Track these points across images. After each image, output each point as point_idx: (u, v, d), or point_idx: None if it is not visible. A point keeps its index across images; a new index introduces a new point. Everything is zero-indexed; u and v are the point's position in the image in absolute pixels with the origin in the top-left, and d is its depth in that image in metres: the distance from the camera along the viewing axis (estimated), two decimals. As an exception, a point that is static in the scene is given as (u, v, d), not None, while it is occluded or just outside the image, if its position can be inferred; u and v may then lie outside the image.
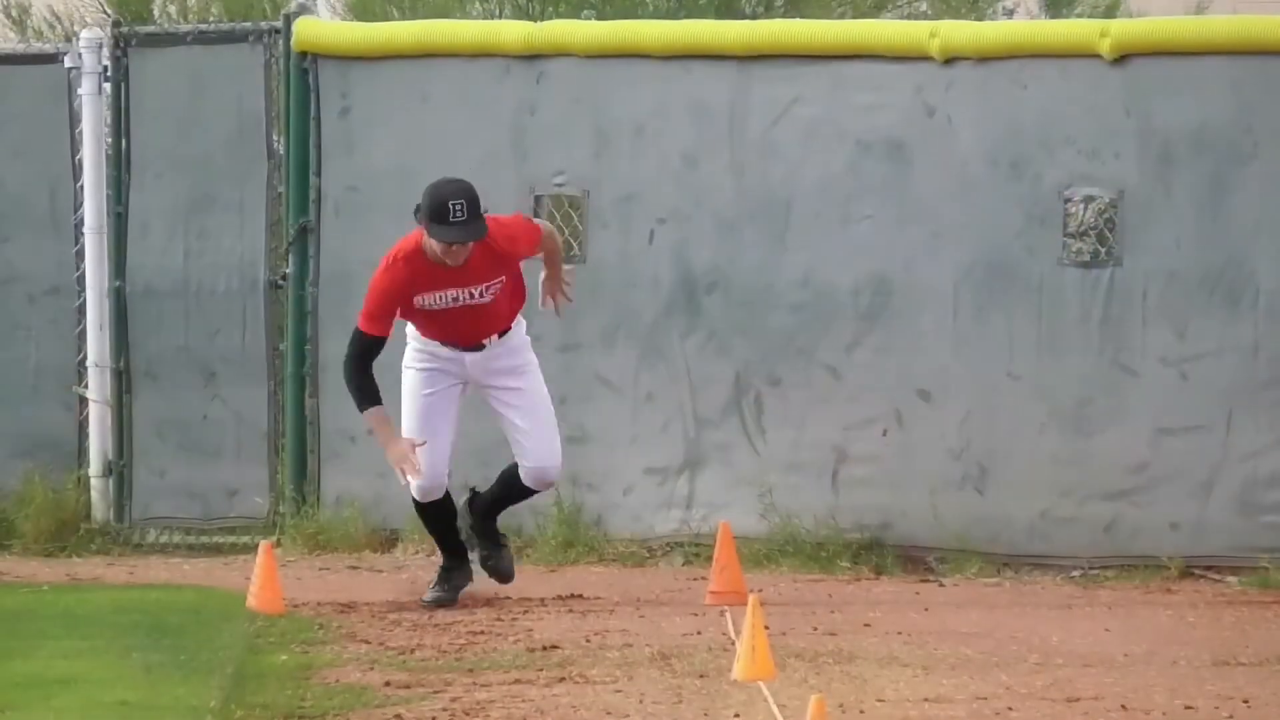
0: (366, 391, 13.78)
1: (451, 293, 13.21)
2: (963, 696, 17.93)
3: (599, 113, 25.21)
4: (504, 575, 15.98)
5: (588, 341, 25.50)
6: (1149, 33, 25.19)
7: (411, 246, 13.39)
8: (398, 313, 13.88)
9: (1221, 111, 23.85)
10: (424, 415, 13.04)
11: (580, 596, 22.89)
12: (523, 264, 18.62)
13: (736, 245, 25.32)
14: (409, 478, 13.55)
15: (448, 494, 17.42)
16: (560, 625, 21.13)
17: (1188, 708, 17.91)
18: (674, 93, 25.79)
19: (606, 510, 24.88)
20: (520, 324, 13.29)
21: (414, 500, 18.26)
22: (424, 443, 14.24)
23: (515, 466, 17.75)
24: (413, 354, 13.93)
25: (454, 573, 19.01)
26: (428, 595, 16.67)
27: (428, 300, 13.37)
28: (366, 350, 13.65)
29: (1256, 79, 24.14)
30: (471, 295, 13.39)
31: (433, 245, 14.35)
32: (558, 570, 23.81)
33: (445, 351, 13.99)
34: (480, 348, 13.45)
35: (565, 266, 15.66)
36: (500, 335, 13.40)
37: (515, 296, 14.14)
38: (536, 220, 15.34)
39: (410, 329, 14.22)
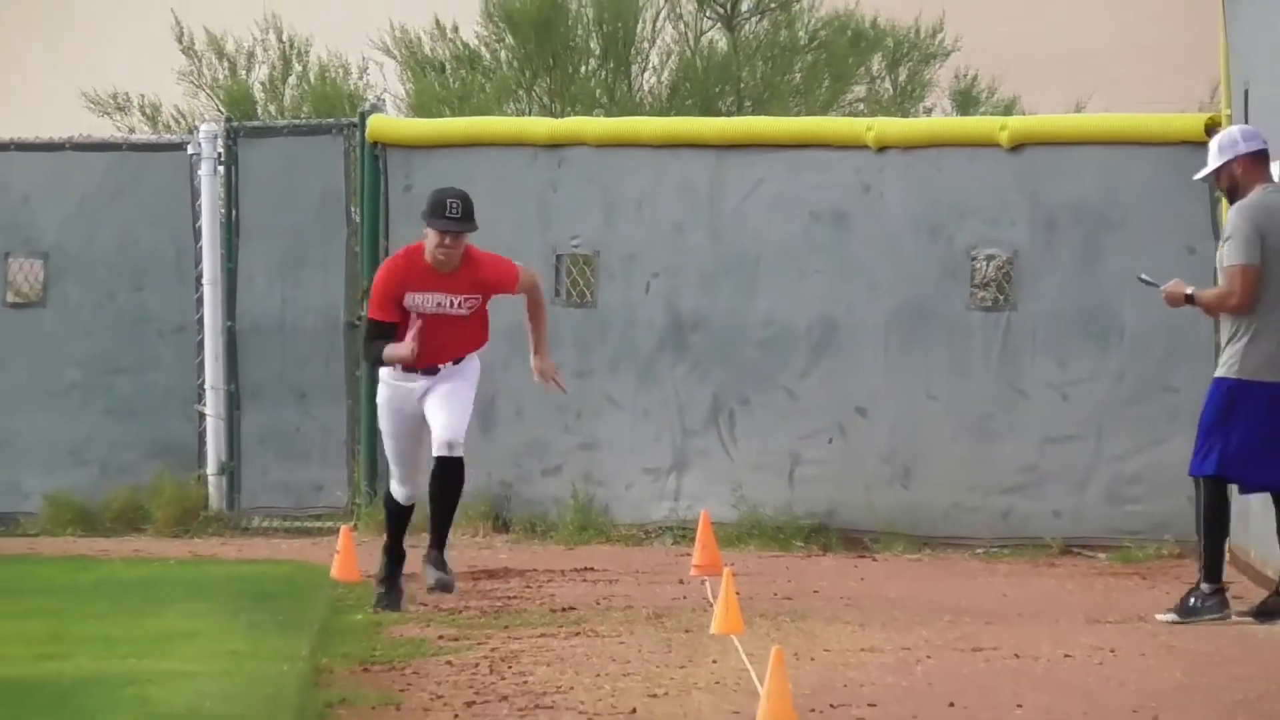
0: (377, 355, 14.86)
1: (436, 297, 13.57)
2: (891, 647, 18.49)
3: (607, 190, 25.77)
4: (446, 588, 15.65)
5: (598, 369, 26.27)
6: (1038, 127, 25.75)
7: (414, 247, 13.98)
8: (395, 306, 14.36)
9: (1095, 189, 24.43)
10: (401, 441, 13.78)
11: (592, 569, 23.36)
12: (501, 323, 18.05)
13: (715, 294, 25.86)
14: (396, 484, 14.27)
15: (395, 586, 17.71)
16: (576, 591, 21.81)
17: (1067, 655, 18.15)
18: (666, 174, 26.44)
19: (612, 501, 25.35)
20: (474, 359, 13.76)
21: (394, 502, 18.37)
22: (415, 350, 14.87)
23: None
24: (383, 392, 14.56)
25: (396, 578, 18.86)
26: (382, 603, 16.66)
27: (417, 299, 13.85)
28: (376, 333, 14.25)
29: (1123, 164, 24.74)
30: (451, 303, 13.75)
31: (431, 246, 14.68)
32: (574, 549, 24.09)
33: (407, 383, 14.44)
34: (435, 371, 13.84)
35: (550, 361, 15.88)
36: (455, 363, 13.74)
37: (480, 329, 14.55)
38: (519, 264, 15.72)
39: (382, 370, 14.91)
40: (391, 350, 15.28)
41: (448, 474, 12.06)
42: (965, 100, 32.92)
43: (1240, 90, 23.60)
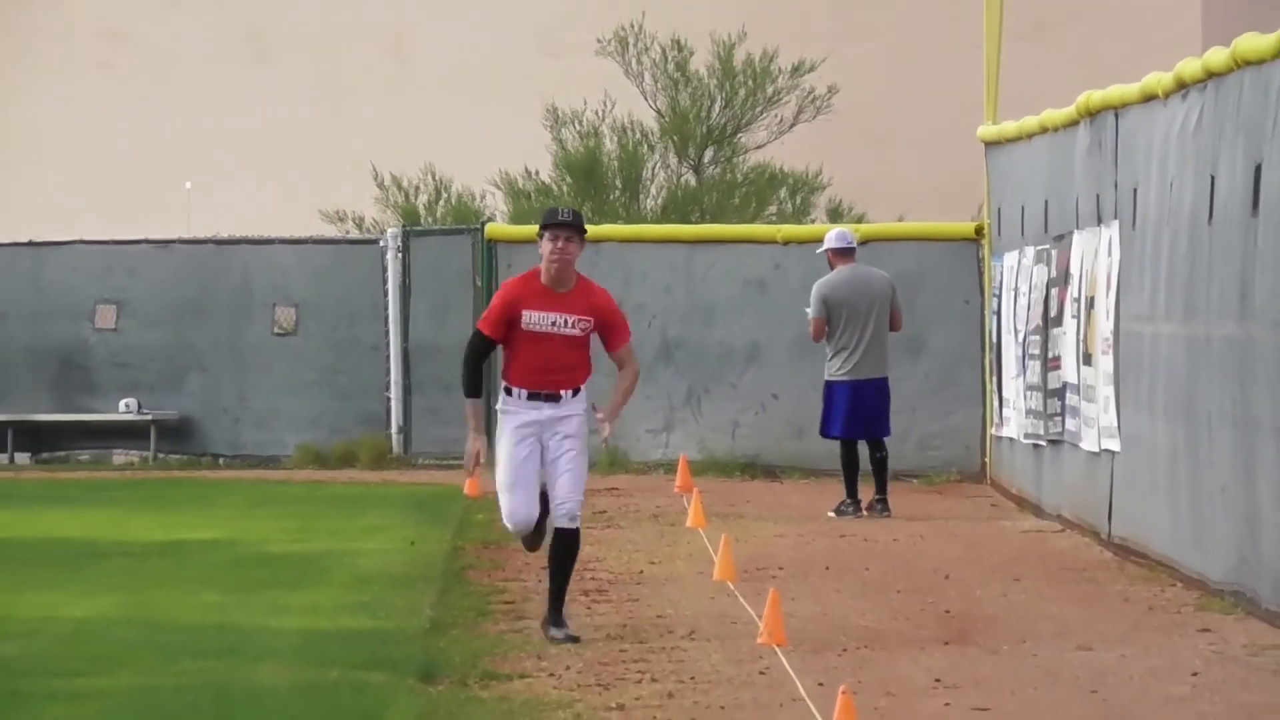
0: (472, 383, 11.19)
1: (551, 316, 10.46)
2: (792, 535, 19.04)
3: (626, 267, 25.49)
4: (574, 641, 11.73)
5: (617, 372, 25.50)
6: (878, 230, 25.77)
7: (530, 271, 11.08)
8: (509, 325, 11.03)
9: (911, 265, 24.18)
10: (515, 472, 10.61)
11: (616, 489, 23.12)
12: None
13: (689, 328, 25.84)
14: (507, 520, 10.95)
15: (540, 529, 12.61)
16: (607, 501, 21.74)
17: (894, 539, 18.78)
18: (660, 258, 26.24)
19: (630, 449, 25.16)
20: (584, 394, 10.78)
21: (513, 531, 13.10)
22: (479, 463, 11.45)
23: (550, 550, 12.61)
24: (503, 422, 10.91)
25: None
26: (558, 634, 12.01)
27: (533, 318, 10.64)
28: (479, 348, 11.05)
29: (927, 250, 24.89)
30: (566, 323, 10.56)
31: (546, 255, 11.25)
32: (606, 477, 23.70)
33: (528, 413, 10.79)
34: (556, 398, 10.44)
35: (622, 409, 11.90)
36: (573, 393, 10.60)
37: (587, 358, 11.15)
38: (630, 334, 12.12)
39: (501, 401, 11.26)
40: (471, 416, 11.32)
41: (568, 543, 9.78)
42: (834, 214, 32.98)
43: (995, 208, 23.67)
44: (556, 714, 9.20)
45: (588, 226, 12.69)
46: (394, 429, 26.74)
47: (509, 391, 10.42)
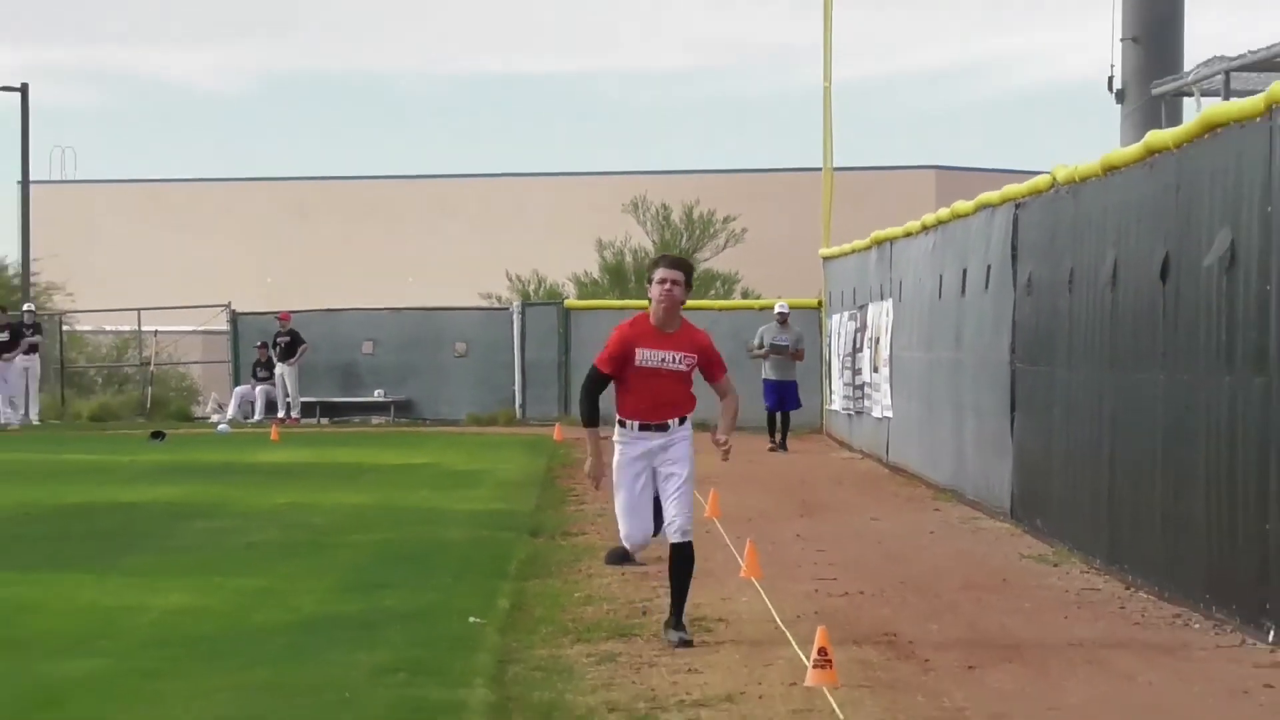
0: (589, 415, 7.72)
1: (660, 354, 7.33)
2: (731, 460, 17.54)
3: None
4: (689, 645, 7.50)
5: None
6: (768, 303, 24.10)
7: (638, 315, 7.71)
8: (623, 362, 7.54)
9: (792, 322, 20.90)
10: (632, 501, 7.44)
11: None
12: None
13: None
14: (625, 539, 7.65)
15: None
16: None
17: (782, 462, 17.41)
18: None
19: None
20: (689, 425, 7.50)
21: (621, 553, 9.27)
22: (599, 482, 7.82)
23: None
24: (619, 453, 7.58)
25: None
26: (673, 637, 7.67)
27: (646, 355, 7.39)
28: (596, 383, 7.63)
29: (799, 314, 23.27)
30: (673, 359, 7.39)
31: (655, 297, 7.66)
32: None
33: (639, 443, 7.43)
34: (665, 428, 7.40)
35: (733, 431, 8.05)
36: (679, 422, 7.41)
37: (691, 392, 7.71)
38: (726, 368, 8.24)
39: (616, 433, 7.69)
40: (592, 444, 7.72)
41: (684, 555, 7.29)
42: (744, 294, 32.80)
43: (828, 291, 23.29)
44: (620, 595, 8.62)
45: (626, 303, 11.43)
46: (517, 405, 25.80)
47: (623, 424, 7.31)
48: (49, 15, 63.35)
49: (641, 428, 7.30)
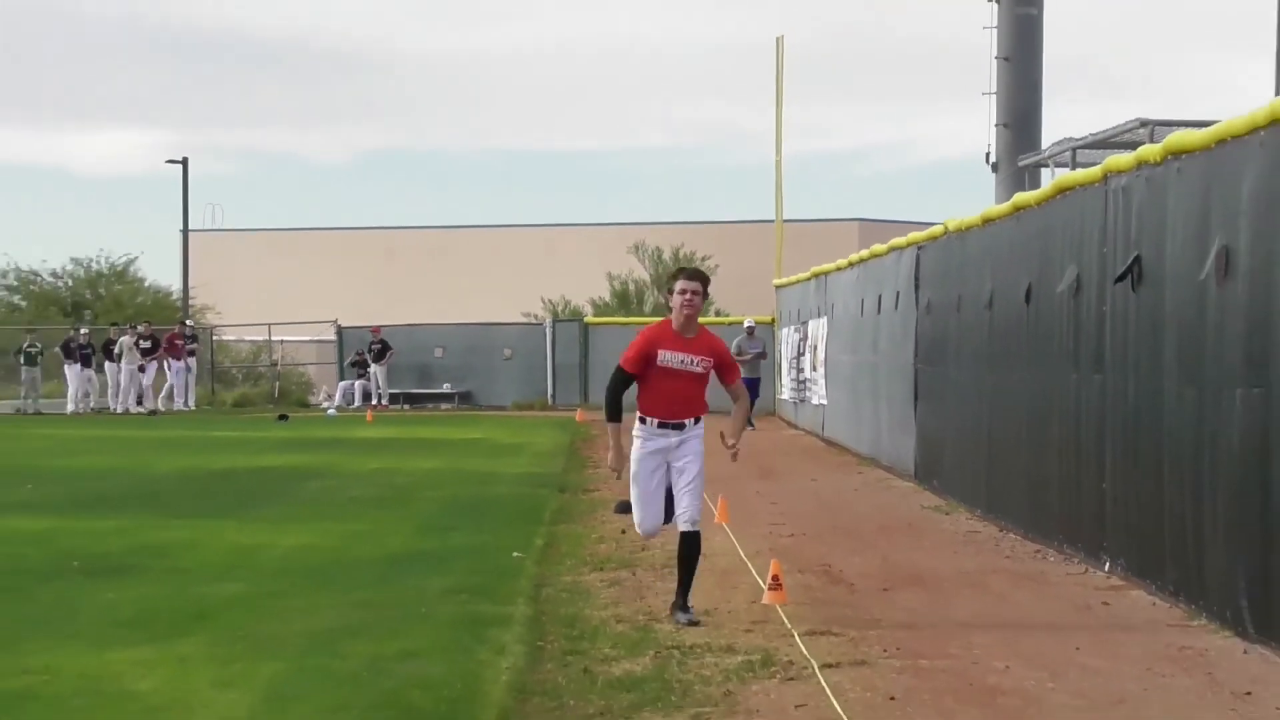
0: (613, 411, 6.13)
1: (680, 355, 5.93)
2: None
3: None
4: (695, 624, 5.81)
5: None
6: (739, 319, 23.86)
7: (663, 321, 6.13)
8: (646, 362, 5.99)
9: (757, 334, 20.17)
10: (646, 494, 5.98)
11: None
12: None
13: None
14: (638, 525, 6.14)
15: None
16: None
17: (745, 439, 17.20)
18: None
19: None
20: (702, 425, 6.00)
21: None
22: (620, 473, 6.19)
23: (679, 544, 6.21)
24: (638, 446, 6.00)
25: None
26: (682, 619, 5.90)
27: (667, 357, 5.96)
28: (621, 382, 6.11)
29: (762, 328, 21.64)
30: (691, 362, 5.95)
31: (676, 306, 6.14)
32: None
33: (658, 440, 5.94)
34: (681, 427, 5.92)
35: (742, 434, 6.41)
36: (694, 421, 5.98)
37: (704, 395, 6.14)
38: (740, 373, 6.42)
39: (636, 427, 6.06)
40: (615, 437, 6.15)
41: (691, 544, 5.93)
42: (717, 313, 31.96)
43: (780, 310, 22.74)
44: (624, 538, 8.21)
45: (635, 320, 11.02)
46: (549, 395, 25.26)
47: (643, 420, 6.02)
48: (203, 109, 66.70)
49: (660, 425, 5.97)
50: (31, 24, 70.76)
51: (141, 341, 23.72)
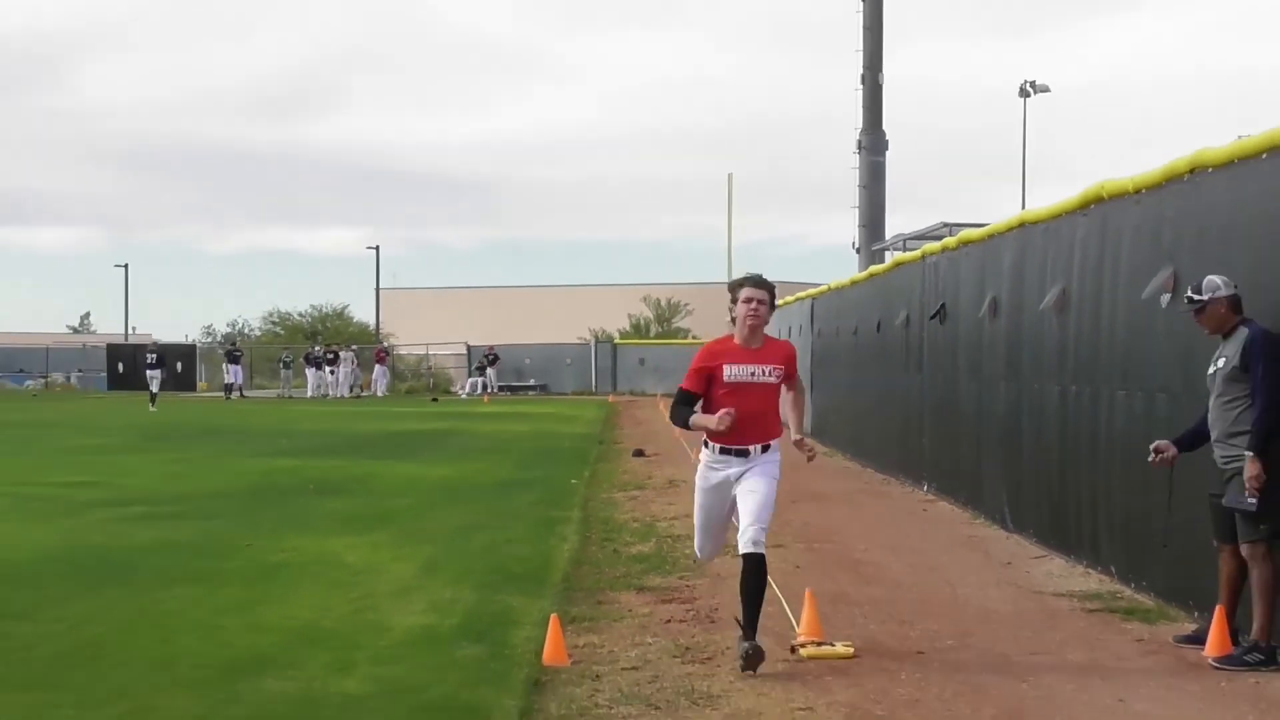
0: (681, 419, 2.66)
1: (749, 368, 2.21)
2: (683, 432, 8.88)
3: (655, 355, 20.94)
4: (746, 665, 2.26)
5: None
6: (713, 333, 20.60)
7: (724, 336, 2.49)
8: (708, 380, 2.30)
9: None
10: (706, 517, 2.63)
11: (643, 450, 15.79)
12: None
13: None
14: (698, 549, 2.66)
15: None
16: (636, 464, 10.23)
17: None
18: (666, 351, 21.44)
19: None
20: (777, 451, 2.28)
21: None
22: (730, 414, 2.29)
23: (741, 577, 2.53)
24: (701, 472, 2.43)
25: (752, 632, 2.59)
26: (744, 646, 2.43)
27: (733, 371, 2.23)
28: (683, 400, 2.52)
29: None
30: (764, 372, 2.22)
31: (740, 316, 2.39)
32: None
33: (720, 469, 2.36)
34: (746, 454, 2.33)
35: (806, 440, 2.79)
36: (763, 450, 2.33)
37: (778, 414, 2.42)
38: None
39: (702, 453, 2.61)
40: (700, 419, 2.53)
41: (755, 568, 2.17)
42: (696, 338, 28.85)
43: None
44: (638, 471, 7.80)
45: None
46: (593, 386, 24.01)
47: (706, 444, 3.00)
48: (391, 216, 69.90)
49: (722, 451, 3.08)
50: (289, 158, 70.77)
51: (350, 355, 24.05)
